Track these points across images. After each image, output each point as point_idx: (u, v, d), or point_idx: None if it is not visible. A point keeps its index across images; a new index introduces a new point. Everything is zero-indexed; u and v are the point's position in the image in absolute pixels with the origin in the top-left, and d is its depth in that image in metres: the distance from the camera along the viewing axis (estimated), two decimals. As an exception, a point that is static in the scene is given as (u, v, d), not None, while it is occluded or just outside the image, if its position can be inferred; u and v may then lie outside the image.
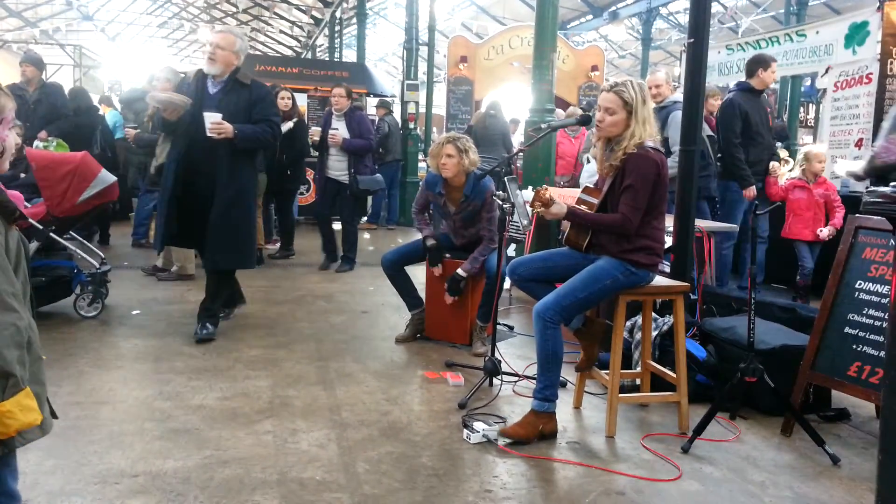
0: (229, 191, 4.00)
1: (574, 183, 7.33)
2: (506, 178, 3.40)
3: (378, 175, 6.71)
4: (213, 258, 4.08)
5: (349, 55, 20.42)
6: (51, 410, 1.72)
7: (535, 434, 2.89)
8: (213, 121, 3.87)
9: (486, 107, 9.04)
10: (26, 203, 4.33)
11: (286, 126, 6.85)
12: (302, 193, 9.38)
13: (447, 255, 4.29)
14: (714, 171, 5.33)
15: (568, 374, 3.51)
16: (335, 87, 6.55)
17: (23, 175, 5.23)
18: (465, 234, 4.27)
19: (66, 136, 6.43)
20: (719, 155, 5.41)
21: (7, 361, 1.49)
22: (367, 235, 9.41)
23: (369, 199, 10.24)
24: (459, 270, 4.12)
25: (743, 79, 5.58)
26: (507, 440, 2.87)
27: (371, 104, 11.54)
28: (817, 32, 6.99)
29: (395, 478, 2.55)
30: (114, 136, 7.89)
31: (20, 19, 20.46)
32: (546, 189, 2.96)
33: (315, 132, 6.52)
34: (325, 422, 3.03)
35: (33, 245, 4.29)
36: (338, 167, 6.41)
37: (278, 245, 7.36)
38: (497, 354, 3.53)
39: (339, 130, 6.37)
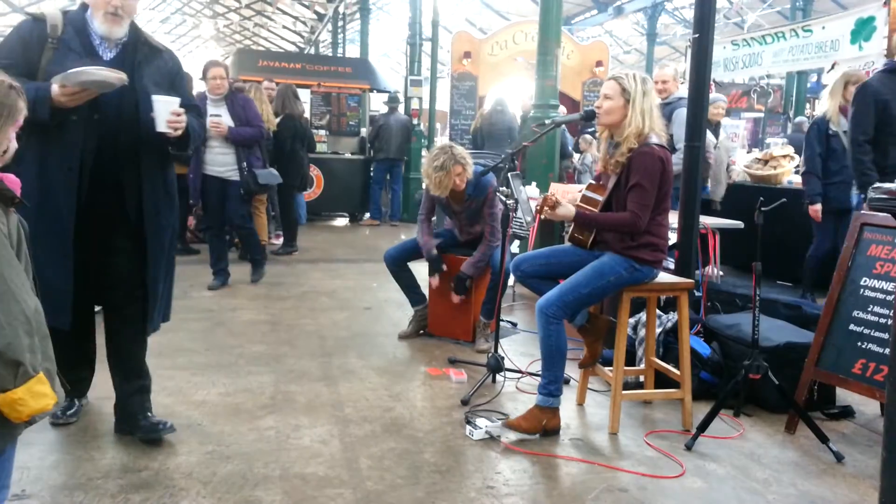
0: (168, 217, 2.69)
1: None
2: (509, 174, 3.38)
3: (273, 169, 5.85)
4: (150, 316, 2.72)
5: (352, 51, 20.39)
6: (61, 381, 1.76)
7: (538, 428, 2.88)
8: (172, 109, 2.49)
9: (489, 104, 9.00)
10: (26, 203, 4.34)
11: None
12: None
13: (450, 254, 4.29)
14: (851, 177, 4.32)
15: (571, 370, 3.50)
16: (212, 67, 5.36)
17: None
18: (471, 231, 4.26)
19: None
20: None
21: (17, 351, 1.53)
22: (367, 232, 9.40)
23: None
24: (463, 269, 4.11)
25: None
26: (511, 436, 2.86)
27: (374, 100, 11.52)
28: (823, 28, 6.96)
29: (398, 474, 2.55)
30: None
31: (23, 15, 20.51)
32: (553, 195, 2.95)
33: None
34: (327, 418, 3.03)
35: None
36: (222, 162, 5.34)
37: (281, 240, 7.37)
38: (500, 351, 3.52)
39: (223, 118, 5.27)
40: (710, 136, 5.37)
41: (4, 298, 1.52)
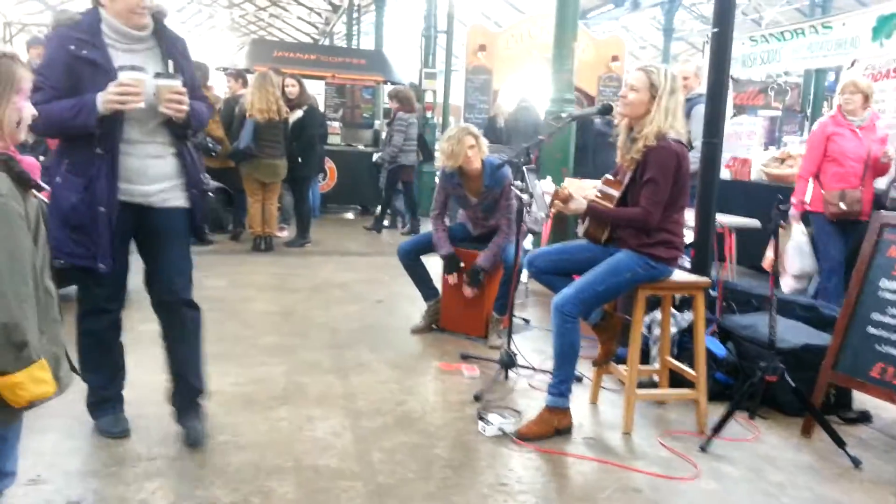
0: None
1: (855, 202, 4.31)
2: (524, 168, 3.36)
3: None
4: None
5: (367, 43, 20.35)
6: (71, 367, 1.77)
7: (550, 431, 2.87)
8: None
9: (504, 98, 8.92)
10: (45, 186, 4.36)
11: (295, 115, 6.85)
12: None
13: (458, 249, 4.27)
14: None
15: (585, 369, 3.48)
16: None
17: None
18: (485, 224, 4.24)
19: None
20: None
21: (23, 331, 1.54)
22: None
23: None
24: (478, 261, 4.09)
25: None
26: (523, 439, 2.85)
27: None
28: (843, 24, 6.86)
29: (410, 468, 2.55)
30: None
31: (40, 2, 20.61)
32: (565, 188, 2.94)
33: None
34: (339, 410, 3.03)
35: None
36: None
37: (285, 233, 7.39)
38: (513, 347, 3.51)
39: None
40: None
41: (15, 279, 1.54)
